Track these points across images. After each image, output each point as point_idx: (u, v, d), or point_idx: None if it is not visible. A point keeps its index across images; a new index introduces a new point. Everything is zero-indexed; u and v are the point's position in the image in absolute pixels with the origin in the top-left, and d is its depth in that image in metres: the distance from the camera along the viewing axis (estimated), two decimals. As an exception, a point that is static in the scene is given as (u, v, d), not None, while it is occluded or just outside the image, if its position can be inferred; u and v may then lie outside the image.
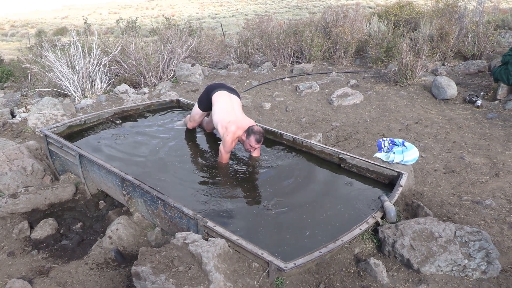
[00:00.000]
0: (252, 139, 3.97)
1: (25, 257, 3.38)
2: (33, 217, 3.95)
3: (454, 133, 5.74)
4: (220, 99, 4.41)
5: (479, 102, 6.62)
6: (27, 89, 9.93)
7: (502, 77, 6.60)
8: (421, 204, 3.68)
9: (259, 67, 10.28)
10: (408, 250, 2.93)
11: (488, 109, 6.52)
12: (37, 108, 6.76)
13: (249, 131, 4.02)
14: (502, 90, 6.68)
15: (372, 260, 2.90)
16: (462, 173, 4.60)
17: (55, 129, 4.56)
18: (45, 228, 3.72)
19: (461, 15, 10.18)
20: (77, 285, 2.96)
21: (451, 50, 9.39)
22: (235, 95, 4.59)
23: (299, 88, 8.00)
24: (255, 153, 4.31)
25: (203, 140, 4.80)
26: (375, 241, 3.21)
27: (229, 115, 4.23)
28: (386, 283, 2.81)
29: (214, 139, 4.82)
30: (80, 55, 8.46)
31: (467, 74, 8.26)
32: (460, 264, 2.82)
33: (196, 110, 4.76)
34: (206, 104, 4.62)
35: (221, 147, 4.14)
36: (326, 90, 7.90)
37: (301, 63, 10.17)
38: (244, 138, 4.06)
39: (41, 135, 4.52)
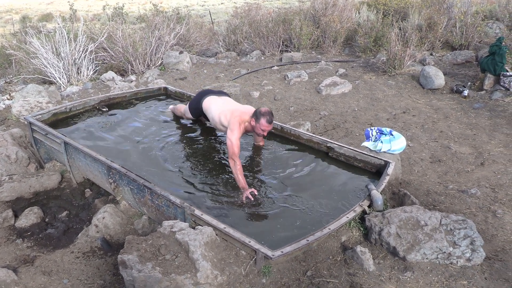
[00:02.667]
0: (263, 121, 3.67)
1: (10, 246, 3.34)
2: (18, 205, 3.90)
3: (441, 122, 5.78)
4: (212, 102, 4.22)
5: (466, 92, 6.67)
6: (11, 76, 9.72)
7: (489, 68, 6.65)
8: (408, 193, 3.71)
9: (248, 56, 10.21)
10: (394, 238, 2.95)
11: (475, 99, 6.57)
12: (22, 95, 6.63)
13: (257, 114, 3.72)
14: (489, 80, 6.74)
15: (359, 248, 2.92)
16: (448, 162, 4.64)
17: (40, 116, 4.48)
18: (30, 217, 3.67)
19: (450, 5, 10.20)
20: (62, 274, 2.93)
21: (439, 40, 9.42)
22: (225, 95, 4.45)
23: (288, 77, 7.97)
24: (261, 142, 4.26)
25: (191, 128, 4.76)
26: (362, 229, 3.23)
27: (229, 106, 4.08)
28: (372, 270, 2.84)
29: (203, 126, 4.78)
30: (65, 41, 8.30)
31: (455, 64, 8.31)
32: (445, 252, 2.85)
33: (189, 116, 4.65)
34: (197, 112, 4.47)
35: (229, 134, 3.72)
36: (315, 79, 7.89)
37: (290, 52, 10.12)
38: (253, 123, 3.76)
39: (26, 122, 4.44)
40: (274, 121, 3.94)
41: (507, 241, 3.19)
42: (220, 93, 4.47)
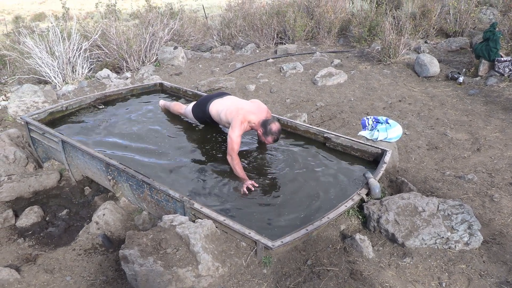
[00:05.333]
0: (270, 139, 3.73)
1: (11, 245, 3.35)
2: (18, 205, 3.91)
3: (437, 110, 5.80)
4: (217, 105, 4.15)
5: (461, 79, 6.69)
6: (6, 77, 9.68)
7: (484, 54, 6.67)
8: (405, 180, 3.74)
9: (243, 49, 10.20)
10: (393, 225, 2.98)
11: (470, 85, 6.60)
12: (17, 95, 6.61)
13: (266, 128, 3.70)
14: (484, 66, 6.76)
15: (358, 236, 2.95)
16: (445, 149, 4.67)
17: (36, 116, 4.47)
18: (31, 216, 3.68)
19: (443, -8, 10.19)
20: (65, 271, 2.95)
21: (433, 28, 9.42)
22: (227, 95, 4.39)
23: (283, 69, 7.97)
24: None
25: (188, 123, 4.76)
26: (360, 217, 3.26)
27: (234, 103, 4.05)
28: (372, 257, 2.87)
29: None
30: (59, 40, 8.26)
31: (449, 51, 8.32)
32: (443, 237, 2.89)
33: (193, 120, 4.57)
34: (204, 120, 4.40)
35: (230, 131, 3.72)
36: (310, 71, 7.89)
37: (284, 44, 10.10)
38: (260, 131, 3.79)
39: (22, 122, 4.44)
40: (271, 114, 3.94)
41: (504, 225, 3.23)
42: (222, 94, 4.42)
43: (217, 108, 4.14)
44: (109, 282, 2.84)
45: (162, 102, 5.07)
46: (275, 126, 3.70)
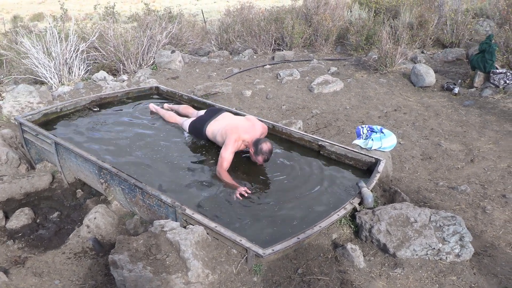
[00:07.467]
0: (260, 158, 3.71)
1: (0, 247, 3.32)
2: (8, 206, 3.88)
3: (431, 120, 5.82)
4: (213, 127, 4.16)
5: (456, 90, 6.72)
6: (2, 76, 9.65)
7: (479, 65, 6.71)
8: (398, 190, 3.74)
9: (240, 54, 10.21)
10: (385, 235, 2.97)
11: (465, 96, 6.63)
12: (12, 95, 6.58)
13: (257, 148, 3.69)
14: (479, 77, 6.80)
15: (349, 245, 2.94)
16: (438, 159, 4.68)
17: (30, 116, 4.45)
18: (21, 218, 3.65)
19: (441, 3, 10.27)
20: (54, 275, 2.92)
21: (430, 38, 9.48)
22: (222, 112, 4.39)
23: (280, 76, 7.98)
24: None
25: (182, 129, 4.75)
26: (352, 226, 3.26)
27: (229, 122, 4.08)
28: (363, 267, 2.86)
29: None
30: (56, 41, 8.25)
31: (446, 62, 8.37)
32: (434, 248, 2.88)
33: (187, 131, 4.56)
34: (202, 139, 4.39)
35: (222, 150, 3.74)
36: (307, 78, 7.91)
37: (282, 50, 10.13)
38: (251, 150, 3.80)
39: (16, 123, 4.41)
40: (265, 120, 4.06)
41: (496, 237, 3.23)
42: (217, 112, 4.40)
43: (213, 130, 4.16)
44: (98, 286, 2.81)
45: (153, 106, 5.07)
46: (266, 146, 3.68)
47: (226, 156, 3.68)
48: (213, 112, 4.47)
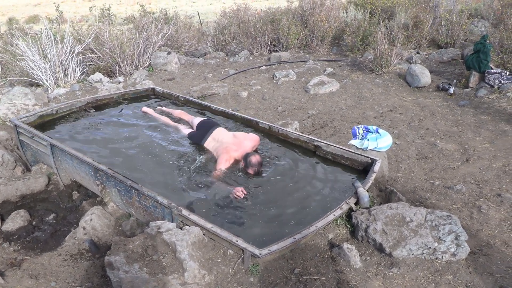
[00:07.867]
0: (250, 171, 3.79)
1: (-4, 250, 3.31)
2: (4, 209, 3.87)
3: (427, 120, 5.84)
4: (211, 144, 4.29)
5: (451, 90, 6.75)
6: (-3, 79, 9.63)
7: (474, 65, 6.74)
8: (394, 190, 3.75)
9: (236, 56, 10.22)
10: (381, 234, 2.98)
11: (461, 96, 6.65)
12: (8, 98, 6.56)
13: (247, 162, 3.80)
14: (474, 78, 6.83)
15: (346, 245, 2.95)
16: (434, 159, 4.70)
17: (26, 119, 4.44)
18: (17, 220, 3.65)
19: (436, 4, 10.32)
20: (50, 277, 2.92)
21: (425, 39, 9.51)
22: (216, 128, 4.44)
23: (276, 77, 7.99)
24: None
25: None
26: (348, 226, 3.26)
27: (223, 141, 4.20)
28: (359, 267, 2.87)
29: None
30: (52, 43, 8.23)
31: (441, 62, 8.40)
32: (430, 247, 2.89)
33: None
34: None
35: (216, 166, 3.90)
36: (303, 78, 7.92)
37: (278, 52, 10.15)
38: (242, 164, 3.91)
39: (12, 125, 4.39)
40: (261, 121, 4.16)
41: (491, 236, 3.25)
42: (211, 127, 4.44)
43: (211, 146, 4.27)
44: (94, 288, 2.81)
45: (146, 109, 5.09)
46: (254, 159, 3.79)
47: (220, 171, 3.84)
48: (207, 125, 4.50)
